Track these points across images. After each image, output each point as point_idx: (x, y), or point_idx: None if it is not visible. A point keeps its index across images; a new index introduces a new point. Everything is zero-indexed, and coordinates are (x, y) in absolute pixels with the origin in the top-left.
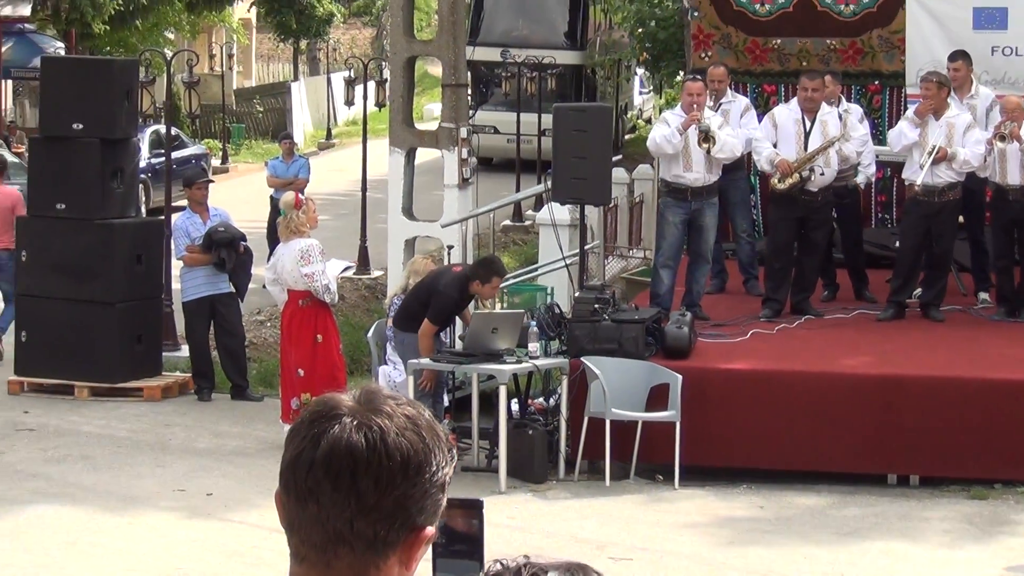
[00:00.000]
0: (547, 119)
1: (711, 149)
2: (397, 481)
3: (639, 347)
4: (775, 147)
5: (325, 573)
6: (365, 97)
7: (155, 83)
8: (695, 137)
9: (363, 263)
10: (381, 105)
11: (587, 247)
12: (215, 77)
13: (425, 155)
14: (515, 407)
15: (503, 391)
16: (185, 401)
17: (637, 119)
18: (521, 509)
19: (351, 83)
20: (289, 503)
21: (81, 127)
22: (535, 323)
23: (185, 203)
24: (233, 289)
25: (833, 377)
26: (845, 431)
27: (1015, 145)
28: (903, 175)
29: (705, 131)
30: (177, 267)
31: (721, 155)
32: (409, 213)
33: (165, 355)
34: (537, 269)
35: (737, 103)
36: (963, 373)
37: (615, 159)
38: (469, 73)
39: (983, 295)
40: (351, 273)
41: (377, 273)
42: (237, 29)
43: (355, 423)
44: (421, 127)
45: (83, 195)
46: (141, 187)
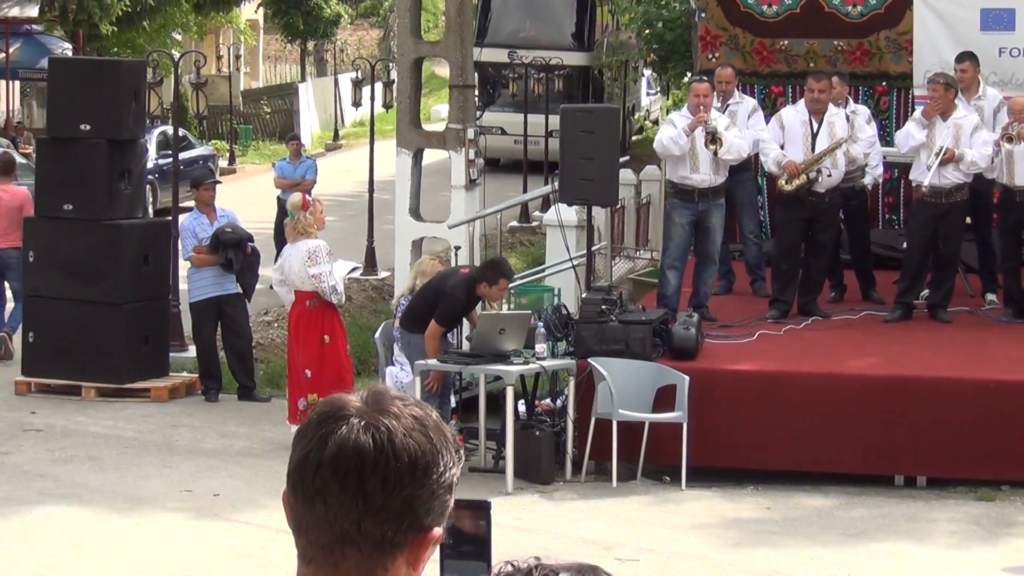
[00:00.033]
0: (554, 120)
1: (718, 151)
2: (404, 482)
3: (646, 348)
4: (782, 148)
5: (332, 574)
6: (372, 98)
7: (162, 84)
8: (702, 138)
9: (370, 264)
10: (388, 106)
11: (594, 248)
12: (222, 78)
13: (432, 156)
14: (522, 408)
15: (510, 392)
16: (192, 402)
17: (644, 120)
18: (528, 510)
19: (358, 84)
20: (296, 504)
21: (88, 128)
22: (542, 324)
23: (192, 204)
24: (240, 290)
25: (840, 378)
26: (852, 432)
27: (1022, 146)
28: (910, 176)
29: (712, 132)
30: (184, 268)
31: (728, 156)
32: (416, 214)
33: (172, 356)
34: (544, 270)
35: (744, 104)
36: (970, 374)
37: (622, 160)
38: (476, 74)
39: (990, 296)
40: (358, 274)
41: (384, 274)
42: (244, 30)
43: (363, 424)
44: (428, 128)
45: (90, 196)
46: (148, 188)
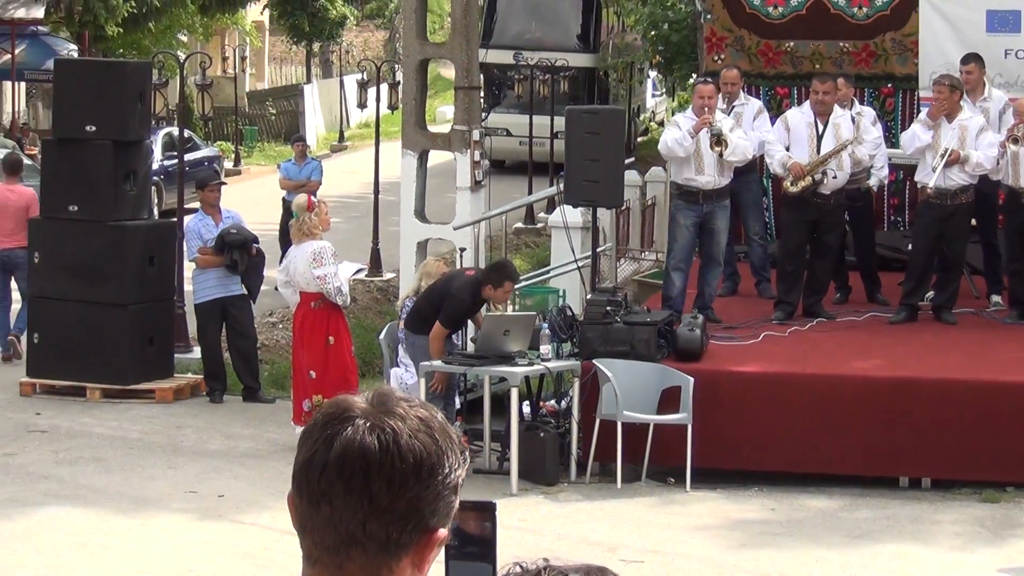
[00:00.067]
0: (559, 122)
1: (723, 152)
2: (410, 483)
3: (651, 349)
4: (787, 150)
5: (337, 575)
6: (378, 99)
7: (168, 85)
8: (706, 140)
9: (375, 265)
10: (394, 107)
11: (599, 249)
12: (228, 79)
13: (437, 157)
14: (527, 409)
15: (515, 393)
16: (197, 403)
17: (650, 122)
18: (532, 511)
19: (364, 85)
20: (302, 505)
21: (94, 129)
22: (547, 325)
23: (197, 205)
24: (245, 291)
25: (845, 380)
26: (857, 434)
27: None
28: (915, 178)
29: (717, 134)
30: (189, 269)
31: (732, 158)
32: (421, 215)
33: (177, 357)
34: (549, 271)
35: (750, 106)
36: (975, 376)
37: (627, 162)
38: (482, 76)
39: (995, 298)
40: (363, 275)
41: (389, 275)
42: (250, 31)
43: (368, 425)
44: (434, 129)
45: (96, 197)
46: (154, 189)
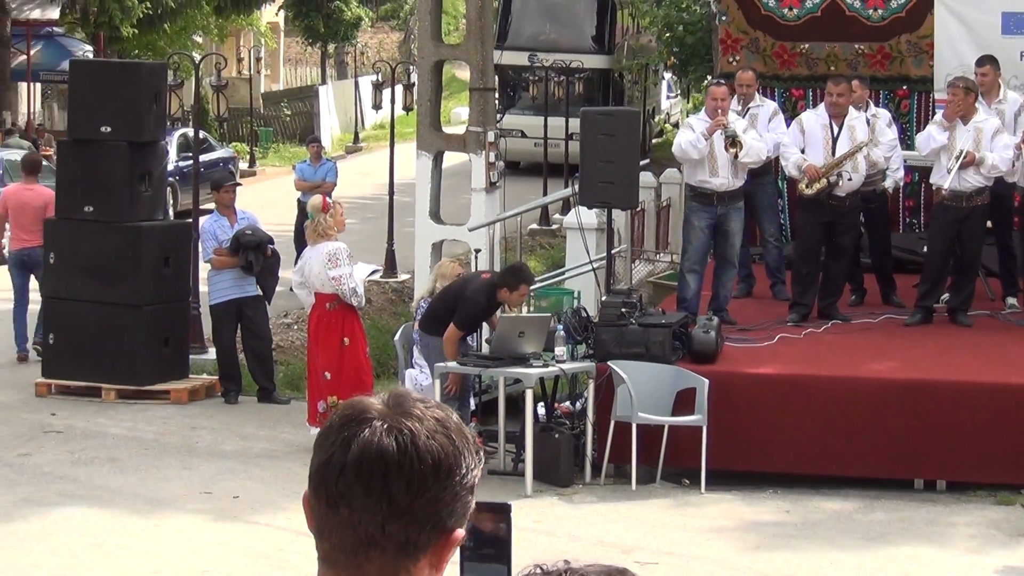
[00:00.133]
0: (574, 123)
1: (738, 154)
2: (428, 484)
3: (666, 351)
4: (803, 152)
5: None
6: (393, 101)
7: (183, 86)
8: (721, 142)
9: (390, 266)
10: (409, 109)
11: (614, 251)
12: (243, 81)
13: (452, 159)
14: (541, 411)
15: (530, 395)
16: (212, 404)
17: (664, 123)
18: (547, 513)
19: (379, 87)
20: (319, 507)
21: (109, 130)
22: (562, 327)
23: (213, 206)
24: (260, 292)
25: (860, 382)
26: (872, 436)
27: None
28: (931, 180)
29: (731, 136)
30: (204, 270)
31: (747, 159)
32: (436, 217)
33: (192, 358)
34: (564, 273)
35: (765, 107)
36: (991, 378)
37: (642, 163)
38: (496, 77)
39: (1011, 300)
40: (378, 276)
41: (404, 276)
42: (265, 33)
43: (385, 426)
44: (449, 131)
45: (111, 198)
46: (169, 190)
